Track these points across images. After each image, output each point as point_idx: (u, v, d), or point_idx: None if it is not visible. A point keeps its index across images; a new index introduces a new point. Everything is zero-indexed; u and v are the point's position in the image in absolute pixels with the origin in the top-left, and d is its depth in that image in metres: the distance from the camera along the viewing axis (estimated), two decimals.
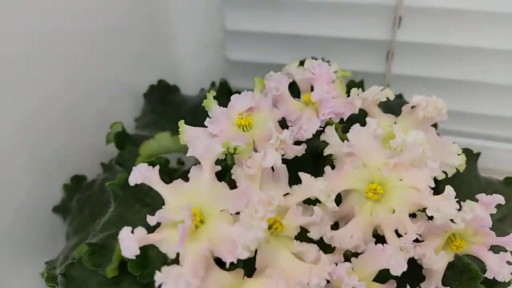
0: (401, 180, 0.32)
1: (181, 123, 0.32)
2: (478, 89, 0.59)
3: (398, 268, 0.28)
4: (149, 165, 0.30)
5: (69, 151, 0.50)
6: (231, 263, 0.26)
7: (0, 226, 0.43)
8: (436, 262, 0.30)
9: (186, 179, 0.30)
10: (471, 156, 0.46)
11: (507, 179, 0.46)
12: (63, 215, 0.51)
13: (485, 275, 0.34)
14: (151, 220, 0.27)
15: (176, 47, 0.60)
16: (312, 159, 0.38)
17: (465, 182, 0.44)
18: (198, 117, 0.33)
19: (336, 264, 0.30)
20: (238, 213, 0.27)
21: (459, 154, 0.35)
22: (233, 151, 0.29)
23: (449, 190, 0.30)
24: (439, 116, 0.36)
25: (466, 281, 0.36)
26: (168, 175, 0.41)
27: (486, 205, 0.33)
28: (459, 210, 0.30)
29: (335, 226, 0.35)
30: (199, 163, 0.28)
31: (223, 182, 0.28)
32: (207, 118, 0.32)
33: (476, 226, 0.31)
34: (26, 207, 0.47)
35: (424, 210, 0.32)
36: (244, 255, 0.25)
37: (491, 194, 0.44)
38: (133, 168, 0.28)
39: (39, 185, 0.48)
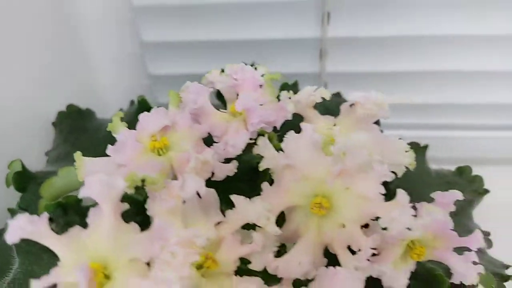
0: (348, 189, 0.28)
1: (77, 155, 0.26)
2: (418, 79, 0.58)
3: None
4: (55, 207, 0.25)
5: None
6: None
7: None
8: (398, 279, 0.26)
9: None
10: (419, 149, 0.43)
11: (459, 169, 0.44)
12: None
13: (451, 281, 0.31)
14: (43, 283, 0.21)
15: (89, 65, 0.53)
16: (248, 176, 0.33)
17: (416, 179, 0.41)
18: None
19: None
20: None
21: (407, 151, 0.31)
22: (141, 184, 0.23)
23: (401, 195, 0.26)
24: (381, 112, 0.33)
25: None
26: (80, 216, 0.34)
27: (444, 204, 0.30)
28: (415, 216, 0.27)
29: (283, 249, 0.30)
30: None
31: (132, 223, 0.23)
32: (109, 145, 0.26)
33: (437, 230, 0.28)
34: None
35: (377, 219, 0.28)
36: None
37: (446, 190, 0.42)
38: (9, 222, 0.21)
39: None
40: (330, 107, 0.39)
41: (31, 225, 0.22)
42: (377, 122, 0.35)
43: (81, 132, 0.44)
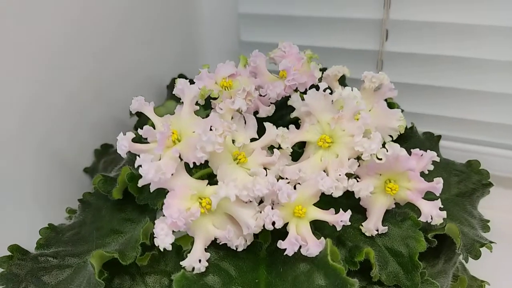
0: (343, 130, 0.40)
1: (177, 79, 0.42)
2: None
3: (327, 187, 0.36)
4: None
5: (99, 124, 0.62)
6: (195, 165, 0.35)
7: (41, 177, 0.55)
8: (363, 189, 0.37)
9: None
10: (433, 138, 0.52)
11: (469, 162, 0.52)
12: (92, 175, 0.62)
13: (419, 219, 0.40)
14: (140, 132, 0.37)
15: (192, 34, 0.71)
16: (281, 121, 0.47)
17: None
18: None
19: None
20: None
21: (400, 119, 0.42)
22: (207, 93, 0.39)
23: (376, 135, 0.38)
24: (388, 91, 0.44)
25: (406, 228, 0.42)
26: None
27: (418, 156, 0.40)
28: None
29: None
30: None
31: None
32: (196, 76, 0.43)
33: (400, 167, 0.38)
34: (65, 167, 0.58)
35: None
36: (203, 157, 0.34)
37: (451, 176, 0.51)
38: (134, 99, 0.38)
39: (76, 150, 0.60)
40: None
41: (144, 105, 0.38)
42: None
43: None
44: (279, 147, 0.42)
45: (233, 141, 0.40)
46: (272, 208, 0.36)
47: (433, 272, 0.45)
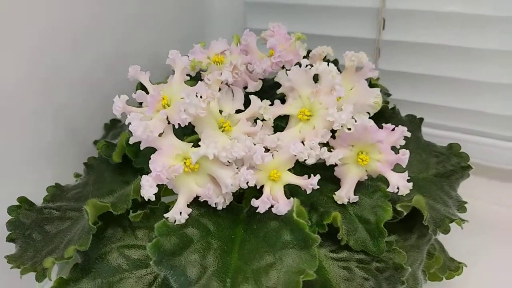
0: (321, 104, 0.43)
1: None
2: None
3: (297, 152, 0.39)
4: None
5: (110, 101, 0.67)
6: (179, 128, 0.39)
7: (55, 143, 0.60)
8: (333, 156, 0.41)
9: None
10: (415, 121, 0.54)
11: (450, 144, 0.54)
12: None
13: (387, 189, 0.43)
14: (134, 95, 0.41)
15: (201, 18, 0.76)
16: (269, 94, 0.50)
17: (409, 142, 0.53)
18: None
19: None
20: None
21: (377, 96, 0.45)
22: (196, 64, 0.43)
23: (347, 107, 0.41)
24: (369, 72, 0.47)
25: (376, 198, 0.44)
26: None
27: (388, 130, 0.43)
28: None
29: None
30: None
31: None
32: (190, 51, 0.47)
33: (369, 138, 0.41)
34: (77, 137, 0.64)
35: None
36: (186, 119, 0.38)
37: (431, 157, 0.53)
38: (130, 67, 0.43)
39: (87, 123, 0.65)
40: None
41: (140, 74, 0.43)
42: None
43: None
44: (263, 120, 0.45)
45: (221, 112, 0.44)
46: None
47: (405, 245, 0.47)
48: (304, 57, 0.48)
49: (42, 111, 0.56)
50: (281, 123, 0.48)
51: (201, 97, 0.39)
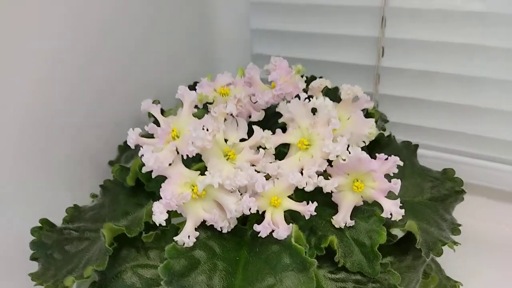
0: (318, 134, 0.47)
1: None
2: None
3: (296, 181, 0.43)
4: None
5: (124, 124, 0.72)
6: (188, 157, 0.42)
7: (72, 166, 0.64)
8: (329, 185, 0.44)
9: None
10: (410, 147, 0.57)
11: (445, 170, 0.57)
12: None
13: (382, 215, 0.46)
14: (146, 128, 0.45)
15: (210, 47, 0.81)
16: (270, 124, 0.54)
17: (404, 169, 0.56)
18: None
19: None
20: None
21: (371, 126, 0.48)
22: (203, 98, 0.47)
23: (341, 139, 0.44)
24: (364, 102, 0.51)
25: (372, 222, 0.47)
26: None
27: (382, 159, 0.46)
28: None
29: None
30: None
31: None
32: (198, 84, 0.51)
33: (363, 167, 0.44)
34: (93, 159, 0.68)
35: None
36: (194, 151, 0.42)
37: (426, 181, 0.56)
38: (143, 102, 0.47)
39: (102, 145, 0.69)
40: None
41: (151, 106, 0.47)
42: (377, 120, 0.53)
43: None
44: (265, 148, 0.49)
45: (227, 141, 0.48)
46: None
47: (401, 266, 0.50)
48: (304, 88, 0.52)
49: (58, 135, 0.60)
50: (283, 148, 0.51)
51: (207, 129, 0.43)
